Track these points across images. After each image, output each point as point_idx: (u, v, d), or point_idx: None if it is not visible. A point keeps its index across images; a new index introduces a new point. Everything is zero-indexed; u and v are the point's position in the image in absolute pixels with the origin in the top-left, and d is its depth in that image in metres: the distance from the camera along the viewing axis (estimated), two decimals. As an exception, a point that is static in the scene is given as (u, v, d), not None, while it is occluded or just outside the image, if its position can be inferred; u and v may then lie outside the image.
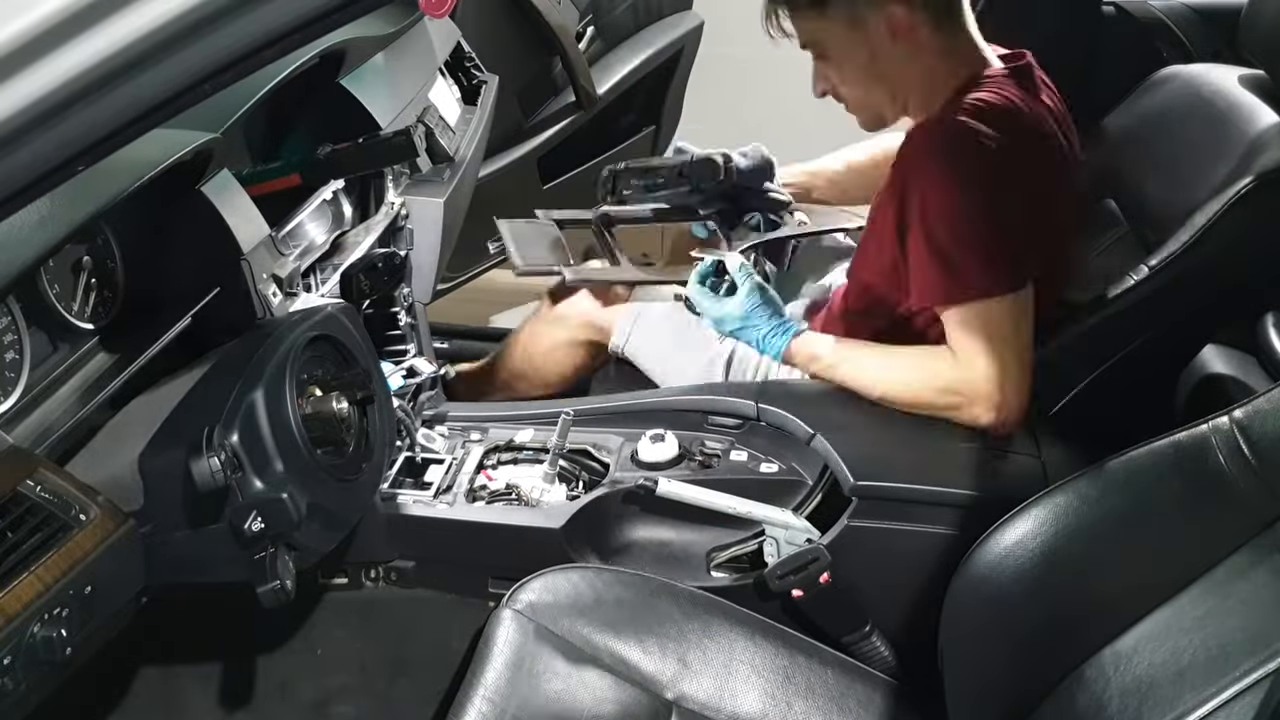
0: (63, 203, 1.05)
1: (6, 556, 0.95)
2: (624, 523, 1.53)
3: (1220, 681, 0.92)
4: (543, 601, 1.30)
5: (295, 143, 1.59)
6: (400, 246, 1.59)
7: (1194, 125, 1.62)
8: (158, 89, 0.73)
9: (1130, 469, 1.10)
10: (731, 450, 1.55)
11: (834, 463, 1.43)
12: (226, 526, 1.09)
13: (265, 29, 0.73)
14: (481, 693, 1.18)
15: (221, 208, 1.27)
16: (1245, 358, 1.71)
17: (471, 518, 1.50)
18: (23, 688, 0.93)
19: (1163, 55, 2.06)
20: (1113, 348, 1.52)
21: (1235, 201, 1.41)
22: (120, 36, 0.69)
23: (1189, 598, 1.02)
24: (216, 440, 1.07)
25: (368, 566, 1.55)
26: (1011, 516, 1.12)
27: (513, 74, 2.17)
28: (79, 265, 1.21)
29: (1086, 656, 1.05)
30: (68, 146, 0.74)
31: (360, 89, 1.61)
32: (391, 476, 1.54)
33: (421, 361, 1.62)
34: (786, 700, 1.27)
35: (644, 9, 2.47)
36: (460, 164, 1.73)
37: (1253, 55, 1.60)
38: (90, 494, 1.04)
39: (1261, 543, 1.01)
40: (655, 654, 1.28)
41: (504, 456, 1.61)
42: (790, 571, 1.39)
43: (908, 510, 1.39)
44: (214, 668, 1.55)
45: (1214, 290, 1.51)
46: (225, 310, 1.29)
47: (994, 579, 1.12)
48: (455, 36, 1.98)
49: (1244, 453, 1.03)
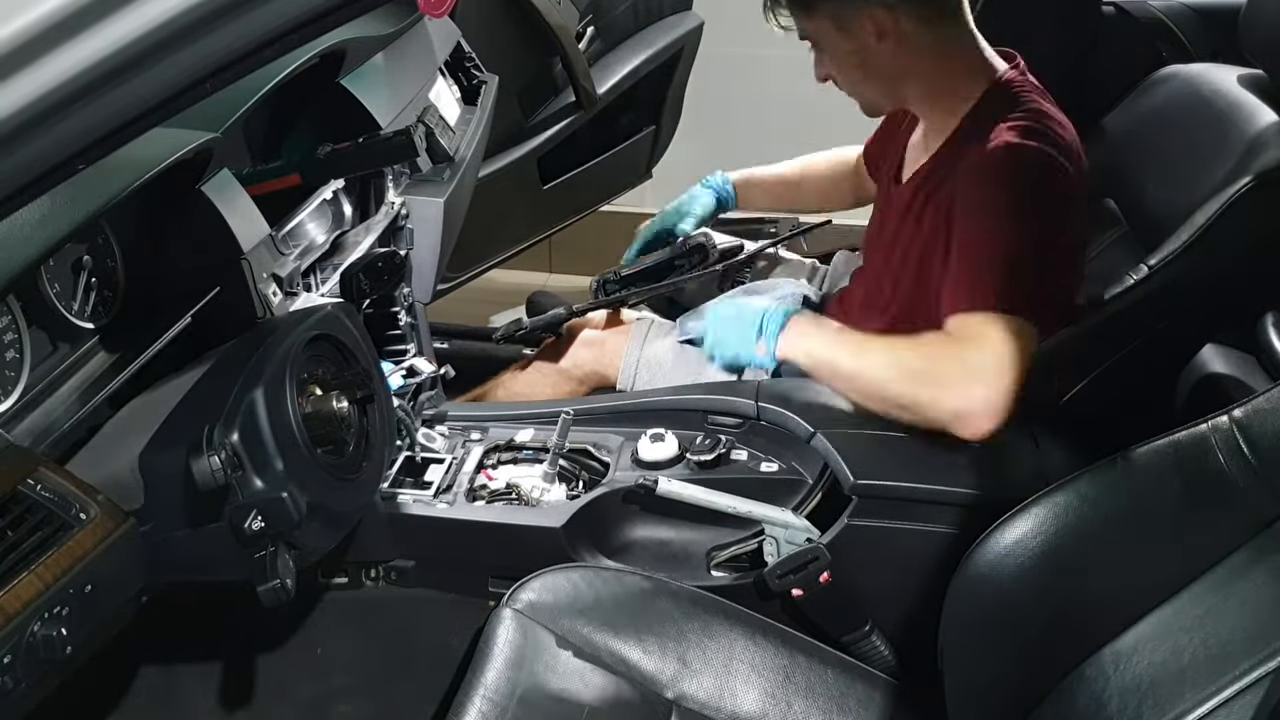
0: (63, 202, 1.05)
1: (6, 555, 0.95)
2: (624, 522, 1.53)
3: (1220, 681, 0.93)
4: (543, 601, 1.30)
5: (295, 143, 1.59)
6: (400, 246, 1.59)
7: (1193, 125, 1.62)
8: (158, 88, 0.73)
9: (1130, 469, 1.10)
10: (731, 449, 1.55)
11: (834, 461, 1.43)
12: (226, 525, 1.08)
13: (265, 29, 0.73)
14: (481, 692, 1.18)
15: (221, 207, 1.27)
16: (1245, 358, 1.71)
17: (471, 517, 1.50)
18: (23, 686, 0.93)
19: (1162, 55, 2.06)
20: (1113, 347, 1.52)
21: (1235, 201, 1.41)
22: (120, 36, 0.69)
23: (1189, 597, 1.02)
24: (217, 439, 1.07)
25: (368, 566, 1.55)
26: (1011, 516, 1.12)
27: (513, 74, 2.18)
28: (79, 265, 1.21)
29: (1087, 656, 1.05)
30: (68, 145, 0.74)
31: (360, 89, 1.61)
32: (391, 476, 1.54)
33: (421, 361, 1.63)
34: (786, 700, 1.27)
35: (644, 9, 2.47)
36: (460, 164, 1.73)
37: (1252, 55, 1.60)
38: (90, 493, 1.04)
39: (1261, 543, 1.01)
40: (655, 653, 1.29)
41: (504, 456, 1.61)
42: (790, 571, 1.39)
43: (908, 509, 1.39)
44: (214, 667, 1.55)
45: (1214, 290, 1.51)
46: (225, 310, 1.29)
47: (994, 578, 1.12)
48: (455, 36, 1.98)
49: (1244, 452, 1.03)
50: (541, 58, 2.31)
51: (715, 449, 1.53)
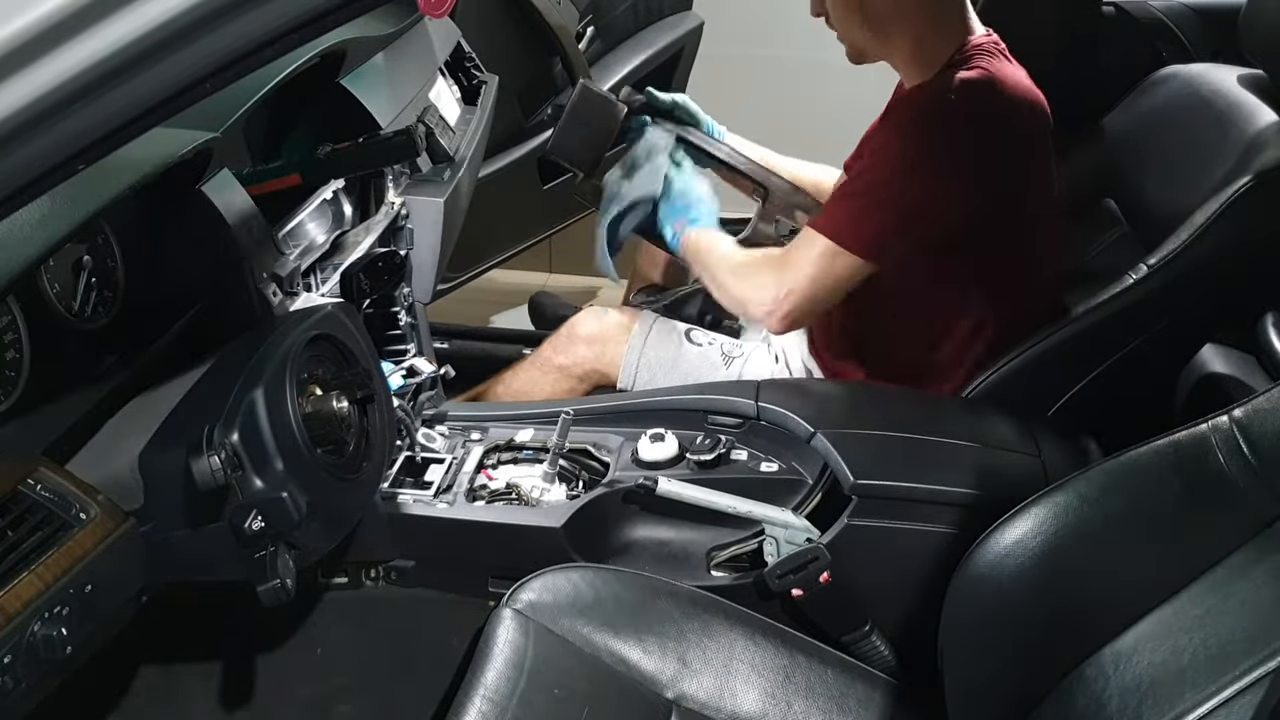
0: (63, 202, 1.04)
1: (7, 555, 0.95)
2: (624, 522, 1.53)
3: (1220, 680, 0.92)
4: (543, 601, 1.30)
5: (295, 143, 1.59)
6: (400, 246, 1.59)
7: (1193, 125, 1.62)
8: (158, 88, 0.73)
9: (1130, 469, 1.10)
10: (731, 449, 1.55)
11: (834, 461, 1.43)
12: (226, 525, 1.08)
13: (265, 29, 0.73)
14: (481, 692, 1.18)
15: (221, 207, 1.27)
16: (1245, 357, 1.71)
17: (471, 517, 1.50)
18: (23, 686, 0.93)
19: (1162, 55, 2.07)
20: (1113, 347, 1.53)
21: (1234, 200, 1.42)
22: (120, 35, 0.69)
23: (1189, 597, 1.02)
24: (217, 439, 1.07)
25: (368, 566, 1.55)
26: (1011, 516, 1.12)
27: (513, 74, 2.18)
28: (79, 265, 1.21)
29: (1086, 655, 1.05)
30: (67, 145, 0.74)
31: (360, 89, 1.61)
32: (391, 476, 1.54)
33: (421, 361, 1.63)
34: (786, 700, 1.27)
35: (644, 9, 2.47)
36: (460, 164, 1.73)
37: (1252, 55, 1.60)
38: (90, 493, 1.04)
39: (1261, 543, 1.01)
40: (655, 653, 1.28)
41: (504, 456, 1.61)
42: (790, 571, 1.39)
43: (908, 509, 1.40)
44: (214, 667, 1.55)
45: (1214, 289, 1.51)
46: (225, 310, 1.29)
47: (994, 578, 1.12)
48: (455, 36, 1.98)
49: (1244, 452, 1.03)
50: (541, 58, 2.31)
51: (715, 449, 1.53)
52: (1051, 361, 1.52)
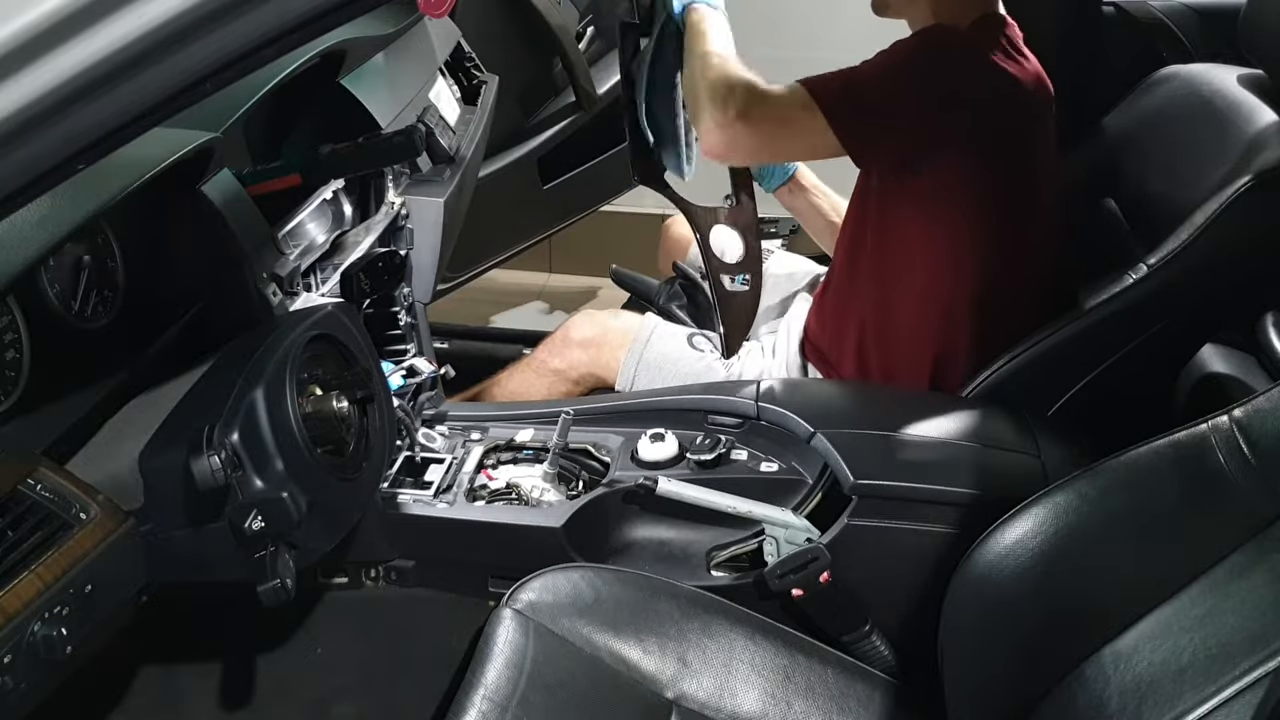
0: (63, 202, 1.05)
1: (7, 555, 0.96)
2: (624, 522, 1.53)
3: (1220, 680, 0.92)
4: (543, 601, 1.30)
5: (295, 143, 1.59)
6: (400, 246, 1.59)
7: (1193, 125, 1.62)
8: (158, 88, 0.73)
9: (1130, 469, 1.10)
10: (731, 449, 1.55)
11: (834, 461, 1.43)
12: (226, 525, 1.09)
13: (265, 29, 0.73)
14: (481, 692, 1.18)
15: (221, 207, 1.27)
16: (1245, 357, 1.71)
17: (471, 517, 1.50)
18: (23, 686, 0.94)
19: (1162, 55, 2.06)
20: (1112, 347, 1.52)
21: (1234, 200, 1.41)
22: (120, 35, 0.69)
23: (1189, 597, 1.02)
24: (217, 439, 1.07)
25: (368, 566, 1.55)
26: (1011, 516, 1.12)
27: (513, 74, 2.18)
28: (79, 265, 1.21)
29: (1086, 655, 1.05)
30: (67, 145, 0.74)
31: (360, 89, 1.61)
32: (391, 476, 1.54)
33: (421, 361, 1.62)
34: (786, 700, 1.27)
35: (644, 9, 2.47)
36: (460, 164, 1.73)
37: (1252, 55, 1.60)
38: (90, 493, 1.04)
39: (1261, 543, 1.01)
40: (655, 653, 1.28)
41: (504, 456, 1.61)
42: (790, 571, 1.39)
43: (908, 509, 1.39)
44: (214, 667, 1.55)
45: (1214, 289, 1.51)
46: (225, 310, 1.29)
47: (994, 578, 1.12)
48: (455, 36, 1.98)
49: (1244, 452, 1.03)
50: (541, 58, 2.31)
51: (715, 449, 1.53)
52: (1051, 361, 1.52)
